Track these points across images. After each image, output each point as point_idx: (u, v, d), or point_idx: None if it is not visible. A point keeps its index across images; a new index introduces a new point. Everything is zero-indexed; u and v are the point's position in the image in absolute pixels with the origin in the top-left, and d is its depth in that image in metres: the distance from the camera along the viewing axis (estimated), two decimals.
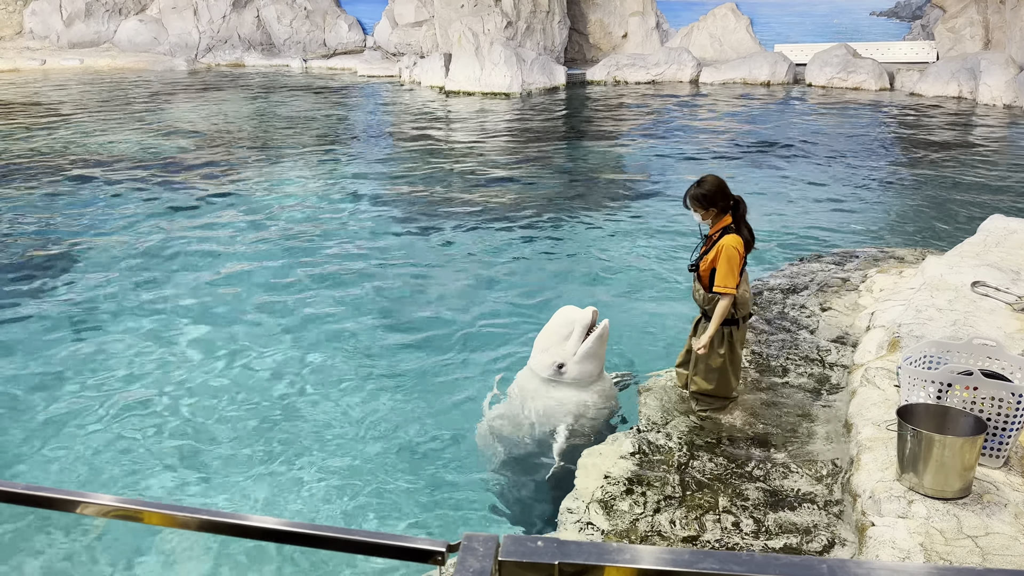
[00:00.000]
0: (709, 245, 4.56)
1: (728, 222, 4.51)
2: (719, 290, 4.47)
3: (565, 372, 4.93)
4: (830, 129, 15.94)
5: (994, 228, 7.10)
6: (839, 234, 9.50)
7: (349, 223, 10.20)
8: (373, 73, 24.60)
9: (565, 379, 4.96)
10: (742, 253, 4.48)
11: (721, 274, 4.44)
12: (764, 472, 4.32)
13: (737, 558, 1.14)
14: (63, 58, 26.44)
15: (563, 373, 4.94)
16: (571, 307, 5.09)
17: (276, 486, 4.96)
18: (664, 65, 22.13)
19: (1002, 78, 17.96)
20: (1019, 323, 5.16)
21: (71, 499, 1.43)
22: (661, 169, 12.89)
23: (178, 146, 14.70)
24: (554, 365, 4.92)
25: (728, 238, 4.45)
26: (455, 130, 16.48)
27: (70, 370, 6.44)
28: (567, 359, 4.91)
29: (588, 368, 4.97)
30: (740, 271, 4.50)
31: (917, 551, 3.23)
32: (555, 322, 5.05)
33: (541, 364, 4.99)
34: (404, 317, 7.41)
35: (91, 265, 8.72)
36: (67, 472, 5.13)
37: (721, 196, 4.47)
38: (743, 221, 4.53)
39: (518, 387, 5.19)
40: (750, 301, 4.68)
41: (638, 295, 7.83)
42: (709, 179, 4.52)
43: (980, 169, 12.52)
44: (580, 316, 4.97)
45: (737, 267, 4.45)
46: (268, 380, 6.25)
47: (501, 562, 1.14)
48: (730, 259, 4.41)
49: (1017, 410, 3.65)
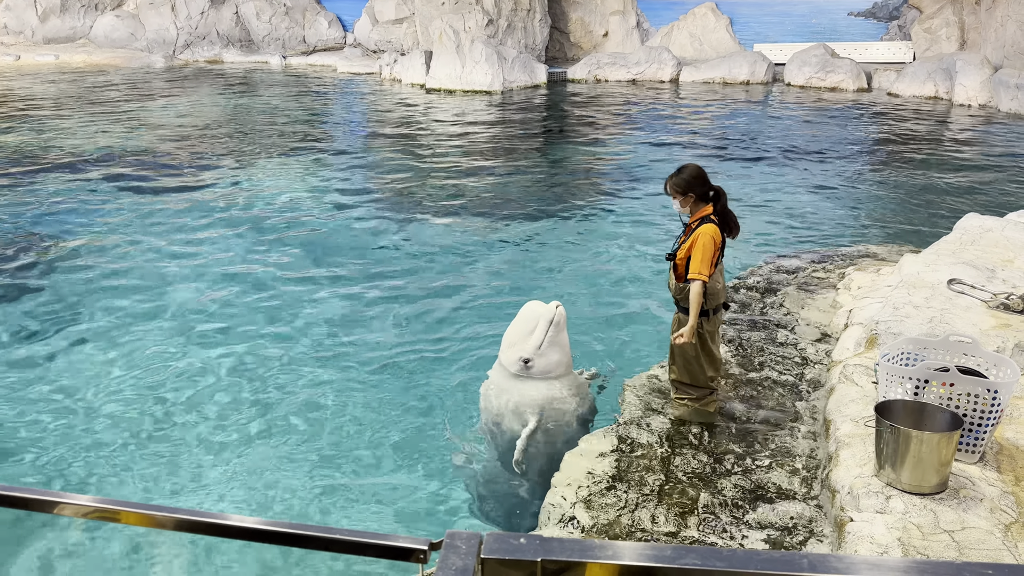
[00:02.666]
0: (687, 234, 4.60)
1: (708, 212, 4.56)
2: (691, 276, 4.50)
3: (532, 366, 4.97)
4: (808, 129, 16.06)
5: (970, 227, 7.19)
6: (817, 232, 9.58)
7: (328, 221, 10.15)
8: (353, 70, 24.49)
9: (533, 373, 4.99)
10: (718, 243, 4.52)
11: (695, 261, 4.49)
12: (744, 468, 4.35)
13: (719, 553, 1.14)
14: (38, 54, 26.11)
15: (530, 367, 4.97)
16: (536, 302, 5.12)
17: (254, 486, 4.93)
18: (644, 64, 22.21)
19: (977, 78, 18.19)
20: (994, 320, 5.23)
21: (48, 500, 1.41)
22: (640, 168, 12.93)
23: (155, 143, 14.56)
24: (520, 360, 4.94)
25: (705, 227, 4.50)
26: (436, 128, 16.44)
27: (39, 369, 6.36)
28: (532, 353, 4.95)
29: (553, 359, 5.00)
30: (715, 261, 4.53)
31: (895, 546, 3.26)
32: (520, 318, 5.08)
33: (509, 359, 5.03)
34: (383, 314, 7.38)
35: (62, 262, 8.61)
36: (37, 473, 5.07)
37: (699, 184, 4.53)
38: (725, 211, 4.57)
39: (491, 383, 5.20)
40: (722, 293, 4.68)
41: (615, 292, 7.86)
42: (689, 167, 4.59)
43: (956, 169, 12.67)
44: (544, 311, 5.00)
45: (711, 256, 4.48)
46: (244, 378, 6.21)
47: (484, 560, 1.14)
48: (704, 247, 4.46)
49: (992, 406, 3.70)
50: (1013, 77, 17.12)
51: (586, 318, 7.15)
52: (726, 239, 4.60)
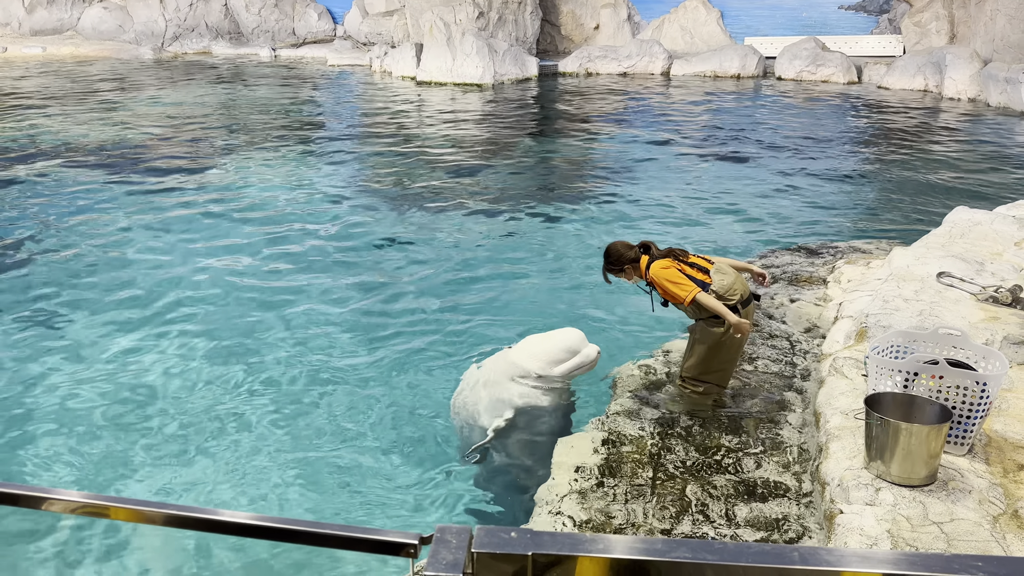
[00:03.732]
0: (653, 289, 4.83)
1: (645, 260, 4.78)
2: (686, 303, 4.67)
3: (538, 385, 5.00)
4: (799, 122, 16.09)
5: (959, 220, 7.22)
6: (807, 226, 9.60)
7: (316, 214, 10.11)
8: (343, 63, 24.38)
9: (532, 384, 5.02)
10: (676, 264, 4.70)
11: (672, 295, 4.70)
12: (734, 461, 4.37)
13: (710, 547, 1.14)
14: (24, 46, 25.89)
15: (536, 382, 5.00)
16: (580, 335, 5.09)
17: (241, 480, 4.91)
18: (636, 57, 22.19)
19: (967, 72, 18.24)
20: (983, 313, 5.25)
21: (36, 496, 1.40)
22: (632, 161, 12.93)
23: (143, 135, 14.47)
24: (533, 374, 4.96)
25: (653, 269, 4.72)
26: (427, 121, 16.40)
27: (26, 363, 6.32)
28: (549, 378, 4.98)
29: (558, 387, 5.05)
30: (690, 274, 4.67)
31: (884, 537, 3.28)
32: (560, 342, 5.02)
33: (521, 365, 4.99)
34: (372, 307, 7.36)
35: (48, 256, 8.56)
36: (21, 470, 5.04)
37: (626, 253, 4.80)
38: (660, 253, 4.79)
39: (486, 367, 5.20)
40: (738, 286, 4.73)
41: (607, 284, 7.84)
42: (609, 247, 4.89)
43: (945, 162, 12.72)
44: (584, 350, 5.02)
45: (677, 278, 4.64)
46: (231, 371, 6.18)
47: (474, 554, 1.13)
48: (667, 279, 4.65)
49: (981, 398, 3.72)
50: (1002, 71, 17.18)
51: (575, 309, 7.15)
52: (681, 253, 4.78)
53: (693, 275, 4.65)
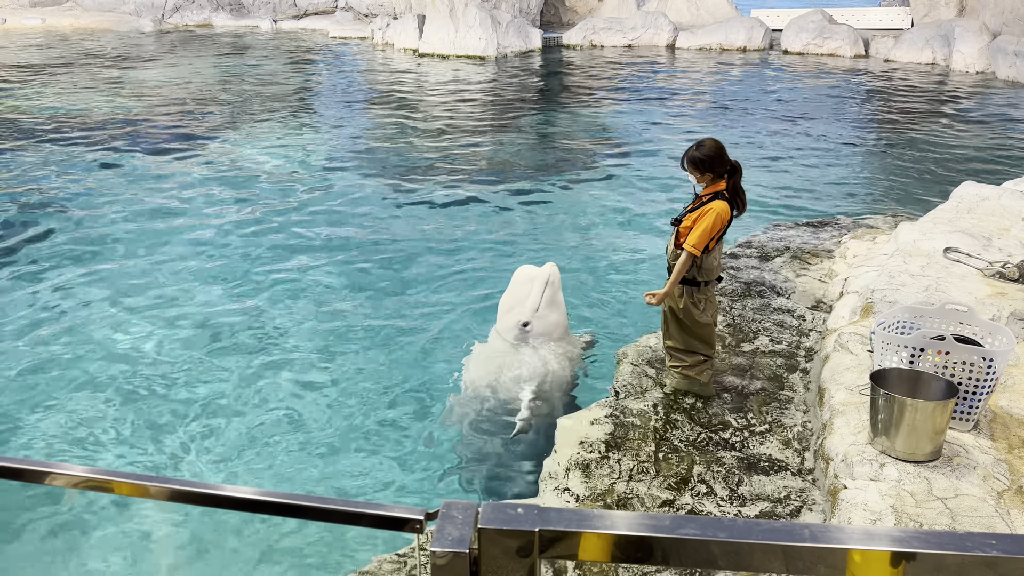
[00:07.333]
0: (697, 204, 4.51)
1: (722, 187, 4.46)
2: (686, 246, 4.44)
3: (531, 329, 4.96)
4: (805, 95, 15.94)
5: (966, 195, 7.16)
6: (813, 200, 9.54)
7: (318, 187, 10.07)
8: (345, 35, 24.17)
9: (532, 336, 4.98)
10: (725, 221, 4.44)
11: (695, 234, 4.41)
12: (739, 438, 4.37)
13: (719, 523, 1.13)
14: (24, 17, 25.69)
15: (528, 330, 4.96)
16: (528, 266, 5.12)
17: (248, 456, 4.92)
18: (641, 29, 21.96)
19: (975, 45, 18.04)
20: (990, 289, 5.22)
21: (40, 470, 1.39)
22: (635, 134, 12.84)
23: (144, 107, 14.38)
24: (519, 324, 4.93)
25: (716, 203, 4.41)
26: (429, 94, 16.27)
27: (25, 336, 6.33)
28: (530, 316, 4.95)
29: (552, 319, 5.00)
30: (717, 238, 4.48)
31: (888, 513, 3.28)
32: (514, 283, 5.08)
33: (506, 326, 5.02)
34: (376, 281, 7.35)
35: (48, 228, 8.54)
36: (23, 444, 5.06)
37: (719, 162, 4.41)
38: (737, 188, 4.49)
39: (485, 352, 5.20)
40: (716, 269, 4.62)
41: (610, 258, 7.83)
42: (708, 143, 4.44)
43: (953, 136, 12.61)
44: (539, 273, 4.99)
45: (712, 233, 4.42)
46: (236, 347, 6.18)
47: (481, 530, 1.12)
48: (709, 222, 4.38)
49: (987, 374, 3.70)
50: (1011, 44, 16.98)
51: (580, 285, 7.13)
52: (733, 216, 4.51)
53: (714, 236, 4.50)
